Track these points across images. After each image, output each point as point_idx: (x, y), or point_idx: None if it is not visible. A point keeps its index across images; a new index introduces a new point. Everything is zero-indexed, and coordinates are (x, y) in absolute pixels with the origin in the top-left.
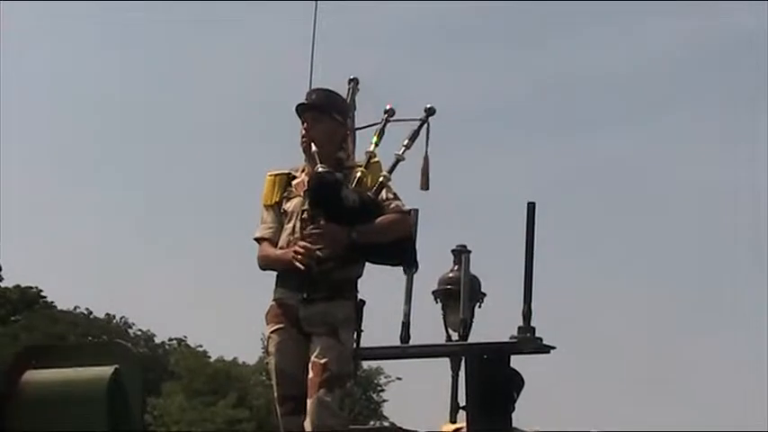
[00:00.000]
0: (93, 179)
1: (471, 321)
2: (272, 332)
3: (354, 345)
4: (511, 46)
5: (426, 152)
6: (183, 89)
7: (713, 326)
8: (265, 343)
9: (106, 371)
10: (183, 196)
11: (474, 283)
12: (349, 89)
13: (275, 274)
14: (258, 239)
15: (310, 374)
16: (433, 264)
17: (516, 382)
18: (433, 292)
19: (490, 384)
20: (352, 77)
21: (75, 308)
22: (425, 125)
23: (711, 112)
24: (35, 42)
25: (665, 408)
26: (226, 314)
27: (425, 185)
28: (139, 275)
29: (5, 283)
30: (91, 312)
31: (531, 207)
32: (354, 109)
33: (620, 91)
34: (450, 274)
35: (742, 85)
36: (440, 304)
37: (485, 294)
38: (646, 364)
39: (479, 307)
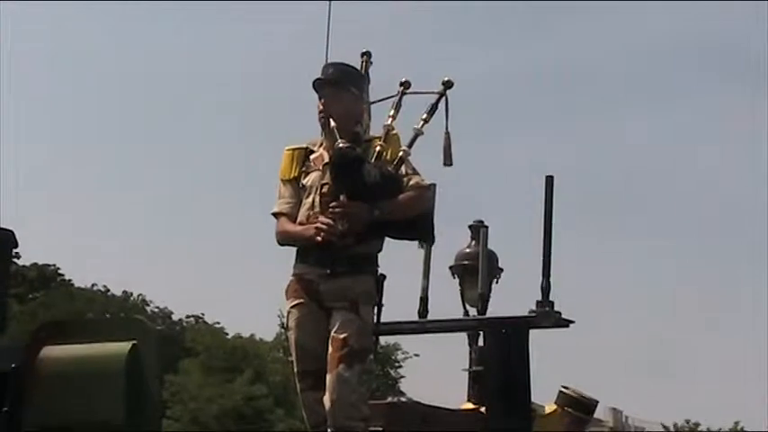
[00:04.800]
0: (110, 155)
1: (489, 296)
2: (291, 307)
3: (375, 320)
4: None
5: (447, 127)
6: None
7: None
8: (285, 318)
9: (124, 347)
10: (200, 172)
11: (491, 258)
12: (362, 63)
13: (294, 249)
14: (276, 214)
15: (330, 349)
16: (451, 239)
17: None
18: (451, 268)
19: (509, 359)
20: (364, 51)
21: (92, 285)
22: (443, 98)
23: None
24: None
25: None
26: (243, 291)
27: (449, 161)
28: (157, 252)
29: (23, 261)
30: (108, 290)
31: (550, 180)
32: (368, 83)
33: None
34: (468, 250)
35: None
36: (457, 279)
37: (502, 269)
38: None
39: (496, 282)
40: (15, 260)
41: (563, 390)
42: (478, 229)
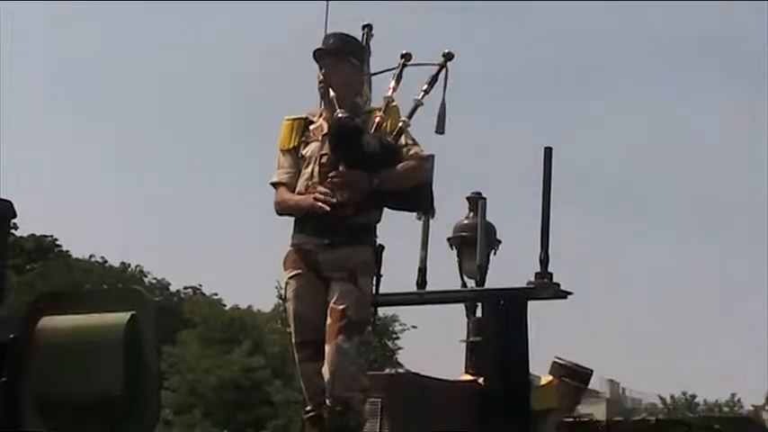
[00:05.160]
0: (109, 129)
1: (487, 268)
2: (289, 278)
3: (373, 290)
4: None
5: (444, 97)
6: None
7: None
8: (283, 289)
9: (122, 317)
10: (197, 145)
11: (489, 229)
12: (363, 35)
13: (293, 219)
14: (275, 184)
15: (329, 320)
16: (448, 211)
17: None
18: (449, 239)
19: (508, 330)
20: (365, 23)
21: (90, 256)
22: (444, 70)
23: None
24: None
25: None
26: (241, 262)
27: (441, 129)
28: (154, 224)
29: (20, 232)
30: (106, 261)
31: (548, 152)
32: (369, 55)
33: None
34: (466, 221)
35: None
36: (455, 251)
37: (500, 241)
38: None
39: (494, 254)
40: (13, 231)
41: (557, 360)
42: (476, 201)
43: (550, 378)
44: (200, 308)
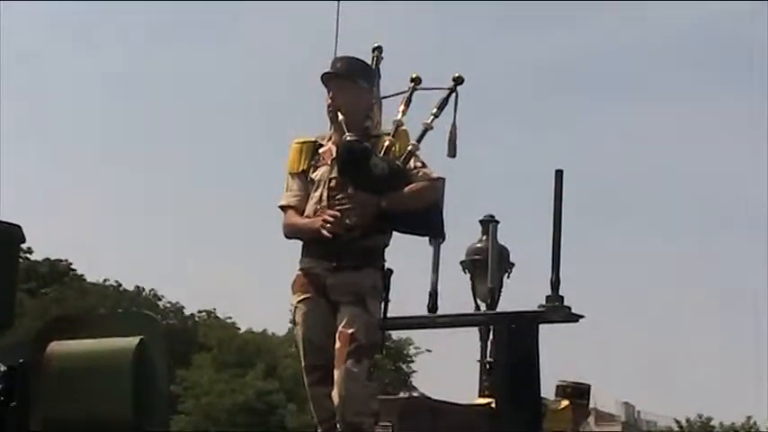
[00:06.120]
0: (121, 154)
1: (500, 291)
2: (298, 302)
3: (382, 314)
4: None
5: (454, 120)
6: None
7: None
8: (292, 313)
9: (131, 342)
10: (209, 169)
11: (502, 252)
12: (373, 57)
13: (301, 243)
14: (283, 207)
15: (337, 344)
16: (463, 234)
17: None
18: (462, 263)
19: (518, 354)
20: (376, 46)
21: (104, 280)
22: (454, 94)
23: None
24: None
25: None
26: (255, 286)
27: (453, 153)
28: (168, 248)
29: (35, 257)
30: (120, 285)
31: (559, 175)
32: (379, 77)
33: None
34: (479, 245)
35: None
36: (468, 274)
37: (513, 264)
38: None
39: (508, 277)
40: (27, 255)
41: (561, 384)
42: (488, 224)
43: (566, 403)
44: (214, 331)
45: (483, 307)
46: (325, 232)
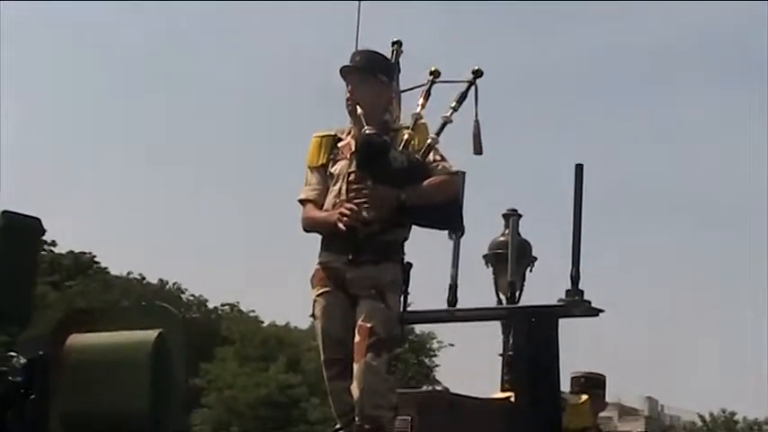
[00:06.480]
0: (142, 147)
1: (522, 285)
2: (317, 296)
3: (401, 308)
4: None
5: (476, 115)
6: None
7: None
8: (311, 306)
9: (150, 335)
10: (232, 162)
11: (524, 246)
12: (393, 51)
13: (320, 237)
14: (302, 201)
15: (357, 338)
16: (487, 228)
17: None
18: (484, 257)
19: (537, 348)
20: (395, 40)
21: (128, 273)
22: (473, 87)
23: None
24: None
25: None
26: (277, 279)
27: (478, 150)
28: (192, 241)
29: (59, 249)
30: (144, 278)
31: (579, 169)
32: (399, 71)
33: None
34: (501, 238)
35: None
36: (491, 268)
37: (536, 258)
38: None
39: (530, 271)
40: (51, 248)
41: (576, 375)
42: (509, 218)
43: (585, 397)
44: (237, 325)
45: (506, 301)
46: (341, 225)
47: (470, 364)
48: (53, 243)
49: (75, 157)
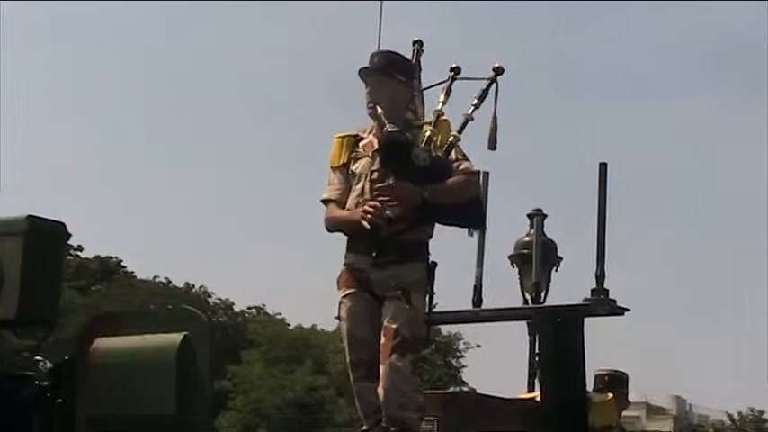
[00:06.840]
0: (171, 153)
1: (548, 285)
2: (343, 297)
3: (426, 308)
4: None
5: (495, 112)
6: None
7: None
8: (337, 308)
9: (175, 338)
10: (257, 167)
11: (549, 246)
12: (413, 51)
13: (345, 239)
14: (325, 201)
15: (382, 339)
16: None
17: None
18: (510, 257)
19: (563, 347)
20: (416, 39)
21: (154, 277)
22: (494, 84)
23: None
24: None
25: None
26: (303, 281)
27: (493, 145)
28: (219, 245)
29: (85, 254)
30: (170, 281)
31: (603, 168)
32: (420, 71)
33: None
34: (526, 238)
35: None
36: (516, 269)
37: (561, 258)
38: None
39: (556, 270)
40: (78, 252)
41: (600, 372)
42: (534, 218)
43: (611, 395)
44: (263, 327)
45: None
46: (365, 223)
47: (497, 364)
48: (80, 248)
49: (101, 160)
